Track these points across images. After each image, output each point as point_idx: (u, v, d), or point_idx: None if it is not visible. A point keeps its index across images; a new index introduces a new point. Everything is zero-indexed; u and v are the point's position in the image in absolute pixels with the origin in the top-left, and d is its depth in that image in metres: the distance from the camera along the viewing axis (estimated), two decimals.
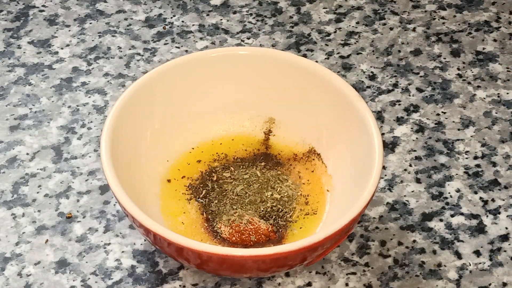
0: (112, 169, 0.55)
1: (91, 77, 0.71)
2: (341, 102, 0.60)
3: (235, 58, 0.63)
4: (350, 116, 0.59)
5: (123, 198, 0.53)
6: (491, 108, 0.69)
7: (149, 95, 0.61)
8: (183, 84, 0.62)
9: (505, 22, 0.77)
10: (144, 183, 0.60)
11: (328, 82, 0.61)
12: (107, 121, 0.57)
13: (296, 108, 0.63)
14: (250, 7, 0.78)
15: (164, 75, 0.61)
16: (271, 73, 0.63)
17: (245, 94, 0.64)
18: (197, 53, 0.64)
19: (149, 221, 0.52)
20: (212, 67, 0.63)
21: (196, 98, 0.63)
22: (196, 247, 0.51)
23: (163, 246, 0.53)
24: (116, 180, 0.54)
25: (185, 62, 0.62)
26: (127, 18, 0.77)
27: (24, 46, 0.74)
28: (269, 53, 0.63)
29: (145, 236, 0.54)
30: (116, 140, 0.57)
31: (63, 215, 0.61)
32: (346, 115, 0.60)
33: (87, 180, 0.63)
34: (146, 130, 0.61)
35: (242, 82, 0.63)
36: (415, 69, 0.72)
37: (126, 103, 0.59)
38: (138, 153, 0.60)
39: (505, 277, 0.58)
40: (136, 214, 0.52)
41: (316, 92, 0.62)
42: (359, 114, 0.58)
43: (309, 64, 0.62)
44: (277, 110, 0.64)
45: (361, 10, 0.78)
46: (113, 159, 0.55)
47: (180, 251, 0.52)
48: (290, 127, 0.64)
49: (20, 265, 0.58)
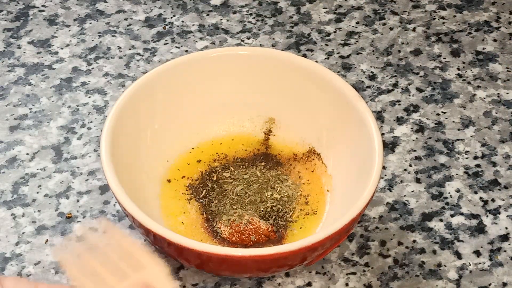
0: (112, 169, 0.55)
1: (91, 77, 0.71)
2: (341, 102, 0.60)
3: (235, 58, 0.63)
4: (350, 116, 0.59)
5: (123, 198, 0.53)
6: (491, 108, 0.69)
7: (149, 95, 0.61)
8: (183, 84, 0.62)
9: (505, 22, 0.77)
10: (144, 183, 0.60)
11: (328, 82, 0.61)
12: (107, 122, 0.57)
13: (296, 108, 0.63)
14: (250, 7, 0.78)
15: (164, 75, 0.61)
16: (271, 73, 0.63)
17: (245, 94, 0.64)
18: (197, 53, 0.64)
19: (149, 221, 0.52)
20: (212, 67, 0.63)
21: (196, 98, 0.63)
22: (196, 247, 0.51)
23: (163, 246, 0.53)
24: (116, 180, 0.54)
25: (185, 62, 0.62)
26: (127, 18, 0.77)
27: (24, 46, 0.74)
28: (269, 53, 0.63)
29: (145, 236, 0.54)
30: (116, 141, 0.57)
31: (63, 215, 0.61)
32: (346, 115, 0.60)
33: (87, 180, 0.63)
34: (146, 130, 0.61)
35: (242, 82, 0.63)
36: (415, 69, 0.72)
37: (126, 103, 0.59)
38: (138, 153, 0.60)
39: (505, 277, 0.58)
40: (136, 214, 0.52)
41: (316, 92, 0.62)
42: (359, 114, 0.58)
43: (309, 64, 0.62)
44: (277, 110, 0.64)
45: (361, 10, 0.78)
46: (113, 159, 0.55)
47: (180, 251, 0.52)
48: (290, 127, 0.64)
49: (20, 265, 0.58)
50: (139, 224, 0.52)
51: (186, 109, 0.63)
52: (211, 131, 0.64)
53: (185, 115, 0.63)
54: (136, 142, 0.60)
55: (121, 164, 0.56)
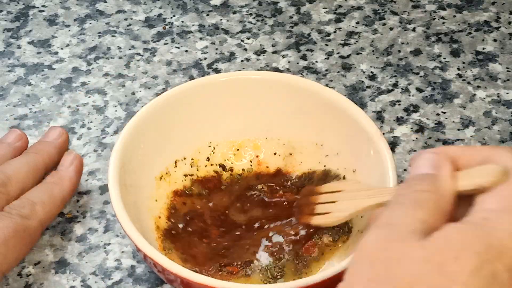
0: (121, 204, 0.53)
1: (91, 77, 0.71)
2: (360, 138, 0.58)
3: (247, 82, 0.62)
4: (367, 151, 0.57)
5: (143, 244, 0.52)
6: (491, 108, 0.69)
7: (155, 124, 0.59)
8: (190, 110, 0.61)
9: (505, 22, 0.77)
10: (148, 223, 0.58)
11: (349, 116, 0.59)
12: (113, 157, 0.56)
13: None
14: (250, 7, 0.78)
15: (172, 100, 0.60)
16: (286, 100, 0.61)
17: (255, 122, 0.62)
18: (207, 77, 0.63)
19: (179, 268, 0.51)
20: (223, 93, 0.61)
21: (206, 126, 0.62)
22: (207, 282, 0.50)
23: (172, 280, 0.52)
24: (127, 218, 0.53)
25: (194, 87, 0.61)
26: (127, 18, 0.77)
27: (24, 46, 0.74)
28: (286, 79, 0.61)
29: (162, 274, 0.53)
30: (124, 177, 0.55)
31: (63, 215, 0.61)
32: (366, 157, 0.57)
33: (87, 180, 0.63)
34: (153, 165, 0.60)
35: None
36: (415, 69, 0.72)
37: (131, 134, 0.58)
38: (142, 188, 0.58)
39: None
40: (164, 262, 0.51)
41: (332, 121, 0.60)
42: (379, 156, 0.56)
43: (331, 94, 0.60)
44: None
45: (361, 10, 0.78)
46: (121, 193, 0.54)
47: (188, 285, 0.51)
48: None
49: (20, 265, 0.58)
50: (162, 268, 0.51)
51: (194, 140, 0.62)
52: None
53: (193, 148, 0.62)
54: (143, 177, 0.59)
55: (127, 199, 0.55)
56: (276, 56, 0.73)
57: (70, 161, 0.60)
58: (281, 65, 0.72)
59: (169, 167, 0.60)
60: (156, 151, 0.59)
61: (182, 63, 0.72)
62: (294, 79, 0.62)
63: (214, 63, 0.73)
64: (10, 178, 0.56)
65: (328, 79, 0.71)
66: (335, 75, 0.71)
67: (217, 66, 0.72)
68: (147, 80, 0.71)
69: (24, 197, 0.56)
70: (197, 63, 0.73)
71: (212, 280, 0.50)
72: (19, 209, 0.55)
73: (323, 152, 0.61)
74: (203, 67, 0.72)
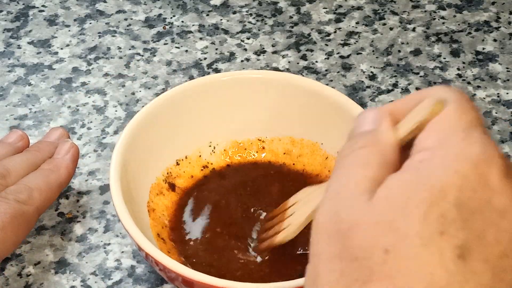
0: (124, 208, 0.53)
1: (91, 77, 0.71)
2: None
3: (247, 82, 0.62)
4: None
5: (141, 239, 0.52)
6: (491, 108, 0.69)
7: (153, 128, 0.59)
8: (192, 109, 0.61)
9: (505, 22, 0.77)
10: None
11: (348, 113, 0.58)
12: (114, 160, 0.55)
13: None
14: (250, 7, 0.78)
15: (172, 100, 0.60)
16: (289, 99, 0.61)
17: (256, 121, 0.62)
18: (208, 76, 0.63)
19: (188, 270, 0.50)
20: (225, 92, 0.61)
21: (207, 125, 0.62)
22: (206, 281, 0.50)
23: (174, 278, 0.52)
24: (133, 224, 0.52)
25: (195, 86, 0.61)
26: (127, 18, 0.77)
27: (24, 46, 0.74)
28: (288, 79, 0.61)
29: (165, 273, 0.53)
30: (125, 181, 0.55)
31: (63, 215, 0.61)
32: None
33: (87, 180, 0.63)
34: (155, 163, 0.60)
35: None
36: (415, 69, 0.72)
37: (133, 132, 0.57)
38: (144, 188, 0.58)
39: None
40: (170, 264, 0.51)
41: (333, 120, 0.60)
42: None
43: (332, 92, 0.60)
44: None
45: (361, 10, 0.78)
46: (124, 197, 0.54)
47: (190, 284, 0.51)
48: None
49: (20, 265, 0.58)
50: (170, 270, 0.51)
51: (194, 143, 0.62)
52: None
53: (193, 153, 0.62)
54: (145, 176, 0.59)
55: (130, 199, 0.55)
56: (276, 56, 0.73)
57: (66, 149, 0.60)
58: (281, 65, 0.72)
59: (170, 167, 0.60)
60: (157, 150, 0.59)
61: (182, 63, 0.73)
62: (295, 78, 0.62)
63: (214, 63, 0.73)
64: (9, 171, 0.57)
65: (328, 79, 0.71)
66: (335, 75, 0.71)
67: (217, 66, 0.72)
68: (147, 80, 0.71)
69: (21, 183, 0.56)
70: (197, 63, 0.73)
71: (213, 279, 0.50)
72: (16, 194, 0.55)
73: (324, 151, 0.61)
74: (203, 67, 0.72)
